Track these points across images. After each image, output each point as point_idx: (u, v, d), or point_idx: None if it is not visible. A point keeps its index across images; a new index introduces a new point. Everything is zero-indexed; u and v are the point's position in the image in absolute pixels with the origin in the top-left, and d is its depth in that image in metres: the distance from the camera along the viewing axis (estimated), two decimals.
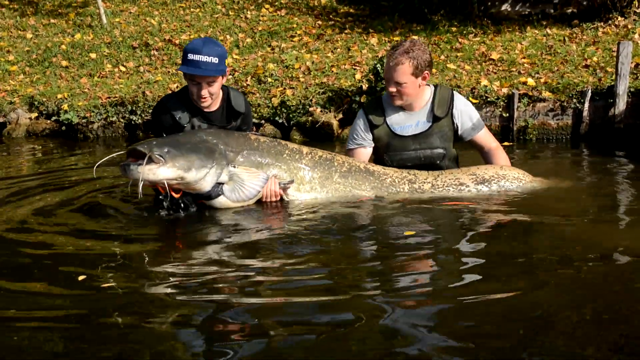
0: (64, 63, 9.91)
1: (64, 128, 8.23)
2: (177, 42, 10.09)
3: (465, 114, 4.20)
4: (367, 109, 4.30)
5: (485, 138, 4.26)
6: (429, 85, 4.19)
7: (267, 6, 11.33)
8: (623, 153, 5.93)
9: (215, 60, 3.72)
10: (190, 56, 3.72)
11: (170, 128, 3.89)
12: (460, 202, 3.86)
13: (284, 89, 7.88)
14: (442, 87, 4.25)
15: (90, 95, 8.47)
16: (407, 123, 4.17)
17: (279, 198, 3.92)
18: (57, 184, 5.18)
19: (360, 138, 4.26)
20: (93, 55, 10.02)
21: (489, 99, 6.98)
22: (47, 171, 5.91)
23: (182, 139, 3.62)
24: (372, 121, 4.23)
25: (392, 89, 4.06)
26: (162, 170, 3.44)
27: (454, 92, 4.26)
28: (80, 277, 2.88)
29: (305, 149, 4.01)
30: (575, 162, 5.82)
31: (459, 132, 4.20)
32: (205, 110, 3.93)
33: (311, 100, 7.49)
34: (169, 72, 9.27)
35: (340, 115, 7.26)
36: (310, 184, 3.97)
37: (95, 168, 4.01)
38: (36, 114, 8.45)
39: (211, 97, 3.85)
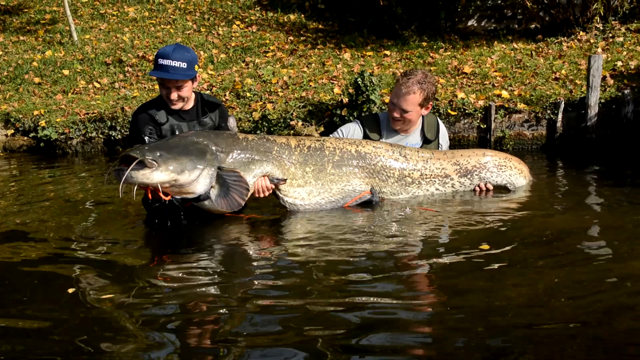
0: (37, 80, 9.76)
1: (42, 144, 8.10)
2: (150, 58, 10.02)
3: (446, 136, 4.66)
4: (364, 123, 4.43)
5: None
6: None
7: (237, 23, 11.36)
8: (595, 161, 6.16)
9: (183, 65, 3.87)
10: (160, 61, 3.88)
11: (149, 128, 3.99)
12: (437, 210, 4.04)
13: (264, 103, 7.93)
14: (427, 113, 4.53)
15: (67, 112, 8.36)
16: (400, 143, 4.36)
17: (270, 192, 3.96)
18: (42, 199, 5.16)
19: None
20: (66, 72, 9.90)
21: (466, 111, 7.15)
22: (30, 186, 5.86)
23: (173, 142, 3.65)
24: (368, 135, 4.37)
25: (397, 115, 4.24)
26: (155, 174, 3.46)
27: (437, 117, 4.64)
28: (70, 290, 2.90)
29: (293, 142, 4.04)
30: (551, 170, 6.01)
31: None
32: (181, 109, 4.06)
33: (292, 114, 7.54)
34: (145, 87, 9.22)
35: (322, 129, 7.32)
36: (304, 178, 4.01)
37: (106, 180, 4.09)
38: (12, 131, 8.31)
39: (182, 100, 4.00)
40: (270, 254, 3.35)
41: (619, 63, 7.83)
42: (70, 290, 2.89)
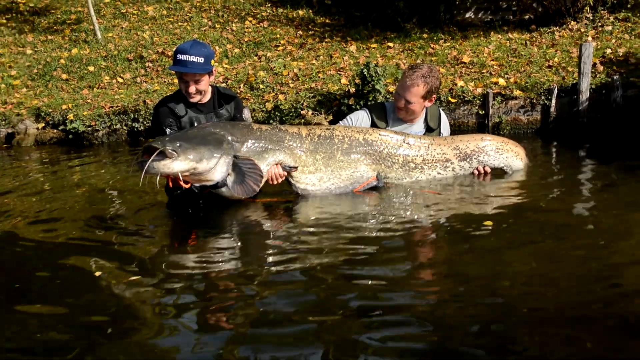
0: (64, 76, 9.76)
1: (70, 136, 8.11)
2: (169, 54, 10.00)
3: (447, 125, 4.60)
4: (372, 111, 4.41)
5: None
6: None
7: (250, 19, 11.31)
8: (587, 143, 6.14)
9: (200, 59, 3.85)
10: (179, 56, 3.86)
11: (170, 120, 3.98)
12: (439, 193, 4.03)
13: (276, 94, 7.91)
14: None
15: (94, 106, 8.36)
16: (405, 131, 4.33)
17: (282, 179, 3.94)
18: (71, 186, 5.19)
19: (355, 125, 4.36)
20: (91, 68, 9.89)
21: (466, 99, 7.10)
22: (60, 175, 5.89)
23: (192, 133, 3.65)
24: (375, 123, 4.34)
25: (401, 105, 4.22)
26: (175, 163, 3.45)
27: (439, 108, 4.60)
28: (97, 273, 2.91)
29: (304, 131, 4.02)
30: (546, 152, 5.98)
31: None
32: (198, 102, 4.05)
33: (302, 103, 7.52)
34: (165, 82, 9.21)
35: (331, 117, 7.31)
36: (315, 165, 4.00)
37: (131, 171, 4.08)
38: (43, 124, 8.32)
39: (199, 93, 3.98)
40: (284, 238, 3.35)
41: (608, 50, 7.75)
42: (98, 273, 2.90)
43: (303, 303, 2.46)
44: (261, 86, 8.22)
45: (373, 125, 4.35)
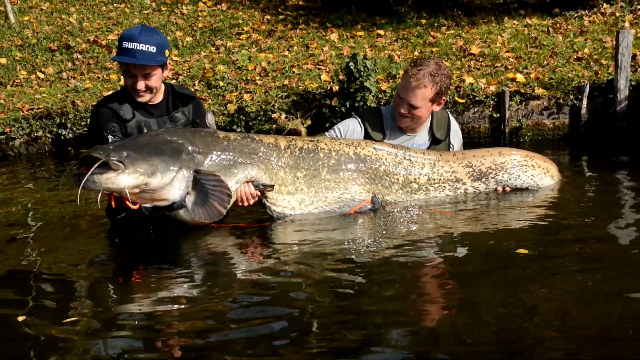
0: None
1: None
2: (104, 43, 9.96)
3: (458, 135, 4.61)
4: (365, 120, 4.39)
5: None
6: None
7: (205, 0, 11.33)
8: (627, 153, 6.17)
9: (152, 49, 3.81)
10: (125, 44, 3.80)
11: (113, 125, 3.91)
12: (452, 212, 4.03)
13: (240, 93, 7.89)
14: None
15: (7, 107, 8.27)
16: (406, 144, 4.34)
17: (255, 200, 3.90)
18: None
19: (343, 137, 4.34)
20: (3, 61, 9.80)
21: (476, 98, 7.15)
22: None
23: (142, 141, 3.60)
24: (370, 134, 4.33)
25: (404, 111, 4.20)
26: (122, 177, 3.39)
27: (448, 112, 4.58)
28: (21, 317, 2.83)
29: (283, 143, 4.00)
30: (576, 165, 6.02)
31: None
32: (148, 102, 3.99)
33: (273, 105, 7.51)
34: (99, 77, 9.15)
35: (309, 122, 7.31)
36: (295, 184, 3.97)
37: (61, 186, 3.99)
38: None
39: (150, 91, 3.93)
40: (256, 273, 3.28)
41: None
42: (21, 318, 2.82)
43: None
44: (221, 83, 8.20)
45: (367, 136, 4.35)
